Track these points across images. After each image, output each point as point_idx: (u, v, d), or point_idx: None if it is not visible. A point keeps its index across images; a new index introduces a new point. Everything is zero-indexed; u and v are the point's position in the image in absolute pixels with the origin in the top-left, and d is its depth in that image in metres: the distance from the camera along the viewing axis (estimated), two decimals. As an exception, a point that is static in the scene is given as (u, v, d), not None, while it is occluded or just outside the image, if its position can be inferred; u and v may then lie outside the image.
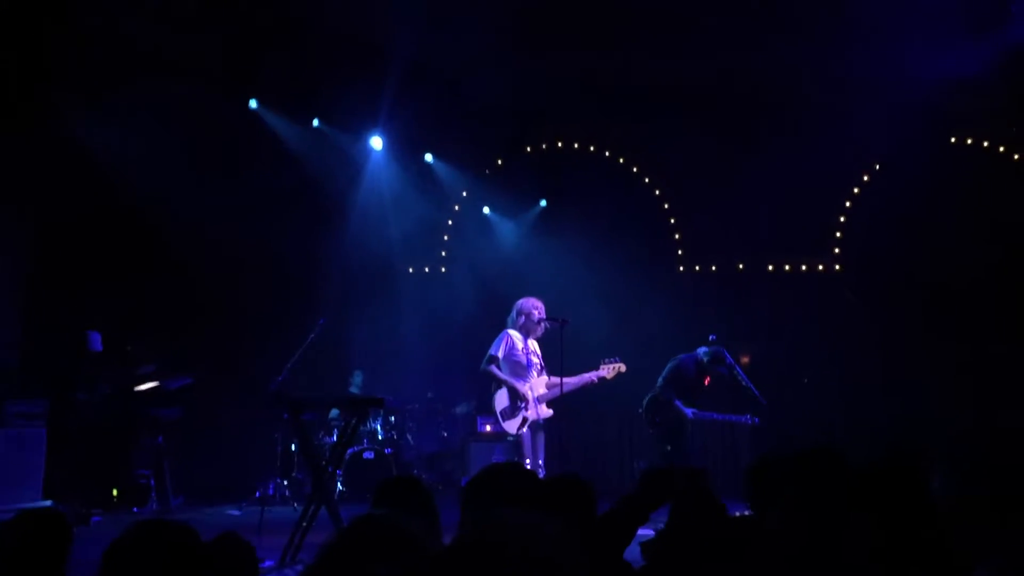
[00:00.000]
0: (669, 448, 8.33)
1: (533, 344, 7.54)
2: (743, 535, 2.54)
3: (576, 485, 2.78)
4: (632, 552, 2.89)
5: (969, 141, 10.94)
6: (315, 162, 10.56)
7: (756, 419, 8.36)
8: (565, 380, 7.40)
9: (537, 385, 7.43)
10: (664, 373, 8.61)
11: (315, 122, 10.68)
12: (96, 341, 8.85)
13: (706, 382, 8.57)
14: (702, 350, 8.55)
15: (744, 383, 8.39)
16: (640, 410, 8.58)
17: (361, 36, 9.12)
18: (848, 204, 11.23)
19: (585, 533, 2.62)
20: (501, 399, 7.30)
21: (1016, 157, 10.85)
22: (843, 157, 10.45)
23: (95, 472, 8.56)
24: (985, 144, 10.92)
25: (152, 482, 8.91)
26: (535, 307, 7.49)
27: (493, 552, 1.20)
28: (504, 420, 7.27)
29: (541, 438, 7.35)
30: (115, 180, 9.48)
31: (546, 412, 7.44)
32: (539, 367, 7.51)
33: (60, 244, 9.48)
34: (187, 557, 2.14)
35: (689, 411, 8.41)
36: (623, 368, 7.60)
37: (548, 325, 7.52)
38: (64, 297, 9.48)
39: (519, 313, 7.48)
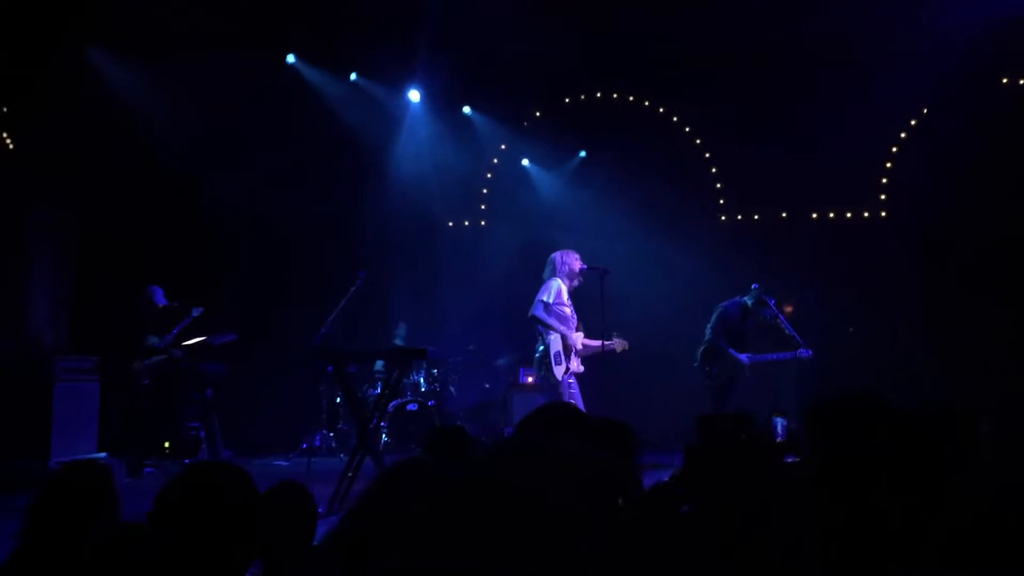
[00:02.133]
0: (725, 397, 8.31)
1: (569, 298, 7.53)
2: (788, 482, 2.53)
3: (620, 427, 2.85)
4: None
5: (1022, 82, 10.59)
6: (354, 116, 10.56)
7: (806, 351, 8.28)
8: (586, 341, 7.45)
9: (578, 339, 7.43)
10: (712, 322, 8.55)
11: (352, 76, 10.66)
12: (159, 295, 8.98)
13: (789, 309, 8.54)
14: (746, 297, 8.51)
15: (788, 331, 8.34)
16: (695, 363, 8.53)
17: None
18: (895, 150, 10.98)
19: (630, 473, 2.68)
20: (555, 344, 7.27)
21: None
22: (889, 102, 10.18)
23: (148, 425, 8.78)
24: (1037, 85, 10.57)
25: (203, 435, 9.11)
26: (576, 259, 7.46)
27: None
28: (556, 364, 7.25)
29: (577, 387, 7.36)
30: (158, 146, 9.58)
31: (580, 367, 7.46)
32: (576, 321, 7.50)
33: (107, 208, 9.61)
34: (241, 496, 2.16)
35: (744, 356, 8.38)
36: (626, 346, 7.62)
37: (587, 274, 7.51)
38: (111, 259, 9.67)
39: (562, 263, 7.42)
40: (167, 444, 9.05)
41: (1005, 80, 10.58)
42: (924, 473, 2.16)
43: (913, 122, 10.89)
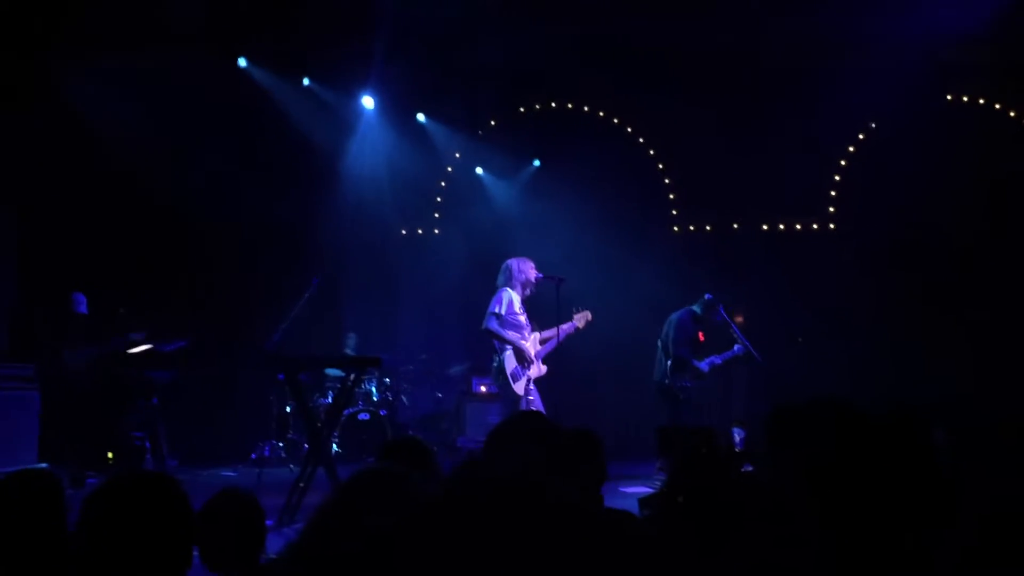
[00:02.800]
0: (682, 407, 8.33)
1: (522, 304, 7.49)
2: (749, 493, 2.53)
3: (589, 437, 2.89)
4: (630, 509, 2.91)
5: (965, 99, 10.86)
6: (307, 121, 10.45)
7: (742, 347, 8.37)
8: (546, 334, 7.44)
9: (533, 344, 7.41)
10: (671, 336, 8.49)
11: (305, 81, 10.55)
12: (81, 303, 8.78)
13: (701, 337, 8.55)
14: (694, 306, 8.56)
15: (739, 337, 8.43)
16: (666, 381, 8.41)
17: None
18: (843, 163, 11.18)
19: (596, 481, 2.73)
20: (510, 361, 7.23)
21: (1012, 114, 10.78)
22: (838, 115, 10.35)
23: (90, 434, 8.55)
24: (981, 101, 10.84)
25: (147, 444, 8.89)
26: (531, 267, 7.44)
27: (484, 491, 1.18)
28: (514, 382, 7.21)
29: (536, 395, 7.34)
30: (106, 145, 9.38)
31: (542, 369, 7.43)
32: (530, 327, 7.48)
33: (53, 210, 9.38)
34: (167, 505, 2.09)
35: (703, 364, 8.41)
36: (590, 316, 7.63)
37: (543, 283, 7.49)
38: (58, 262, 9.42)
39: (519, 272, 7.39)
40: (110, 454, 8.82)
41: (950, 97, 10.84)
42: (902, 474, 2.17)
43: (861, 136, 11.09)
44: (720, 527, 2.06)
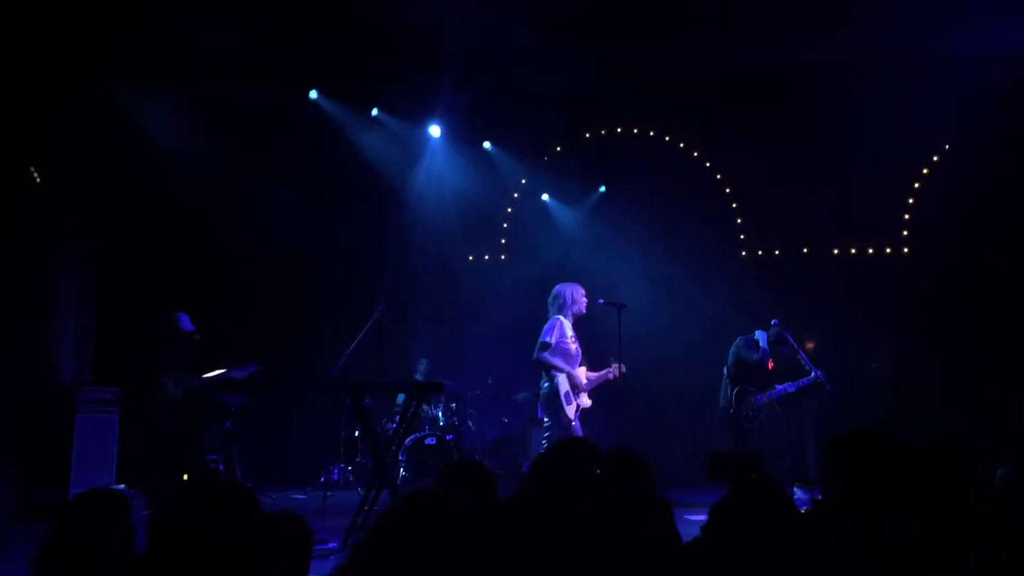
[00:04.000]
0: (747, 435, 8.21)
1: (573, 332, 7.46)
2: (794, 523, 2.52)
3: (633, 455, 2.89)
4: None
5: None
6: (375, 151, 10.66)
7: (820, 372, 8.18)
8: (589, 374, 7.39)
9: (582, 374, 7.38)
10: (730, 363, 8.45)
11: (374, 111, 10.78)
12: (185, 321, 8.89)
13: (770, 366, 8.42)
14: (760, 332, 8.44)
15: (808, 367, 8.27)
16: (731, 411, 8.33)
17: (415, 26, 9.13)
18: (917, 185, 10.93)
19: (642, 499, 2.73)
20: (563, 384, 7.22)
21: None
22: (911, 137, 10.16)
23: (168, 456, 8.76)
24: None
25: (222, 467, 9.10)
26: (582, 294, 7.41)
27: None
28: (567, 404, 7.19)
29: (578, 423, 7.29)
30: (180, 178, 9.64)
31: (588, 402, 7.39)
32: (580, 356, 7.44)
33: (130, 240, 9.65)
34: (241, 516, 2.10)
35: (763, 396, 8.29)
36: (624, 369, 7.49)
37: (604, 308, 7.47)
38: (133, 291, 9.72)
39: (571, 301, 7.36)
40: (186, 476, 9.04)
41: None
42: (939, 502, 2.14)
43: (936, 158, 10.84)
44: (767, 552, 2.06)
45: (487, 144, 11.51)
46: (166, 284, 9.72)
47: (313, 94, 10.48)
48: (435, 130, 10.96)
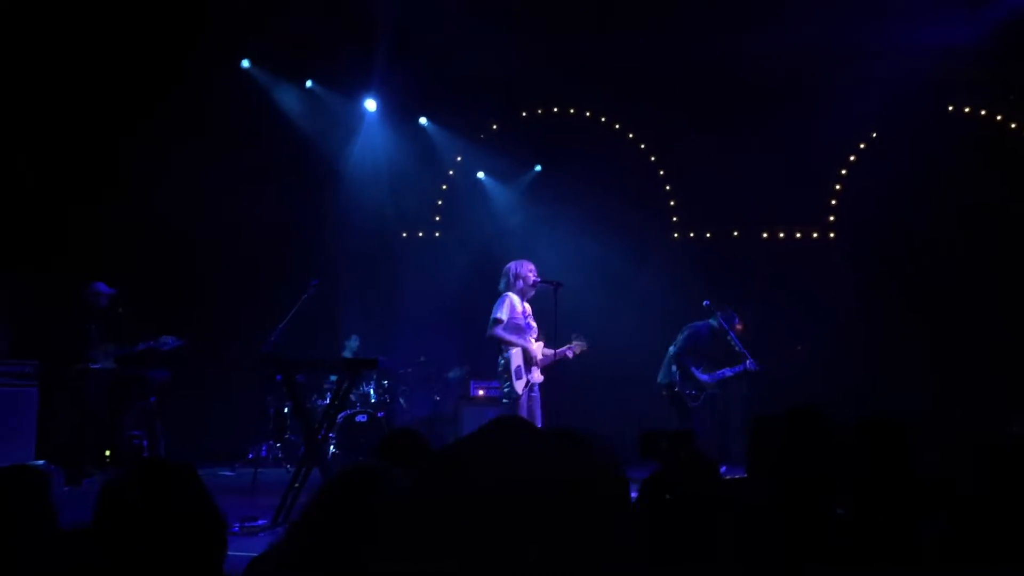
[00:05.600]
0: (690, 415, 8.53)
1: (527, 307, 7.49)
2: (723, 496, 2.55)
3: (574, 435, 2.84)
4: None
5: (967, 110, 10.88)
6: (309, 124, 10.48)
7: (753, 363, 8.47)
8: (546, 351, 7.43)
9: (538, 350, 7.40)
10: (680, 342, 8.73)
11: (308, 83, 10.58)
12: (103, 287, 8.58)
13: (739, 327, 8.68)
14: (711, 320, 8.72)
15: (738, 348, 8.47)
16: (675, 389, 8.69)
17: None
18: (844, 172, 11.19)
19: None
20: (515, 359, 7.21)
21: (1013, 126, 10.79)
22: (839, 125, 10.36)
23: (89, 432, 8.54)
24: (982, 113, 10.86)
25: (145, 443, 8.91)
26: (529, 269, 7.42)
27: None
28: (516, 379, 7.19)
29: (537, 401, 7.33)
30: (106, 148, 9.38)
31: (540, 377, 7.42)
32: (535, 331, 7.47)
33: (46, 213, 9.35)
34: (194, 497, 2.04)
35: (704, 376, 8.52)
36: (585, 347, 7.62)
37: (541, 287, 7.49)
38: (55, 260, 9.39)
39: (516, 276, 7.38)
40: (108, 452, 8.83)
41: (951, 108, 10.85)
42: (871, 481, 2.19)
43: (862, 145, 11.10)
44: (693, 528, 2.07)
45: (423, 120, 11.40)
46: (87, 257, 9.40)
47: (245, 63, 10.24)
48: (371, 104, 10.81)
